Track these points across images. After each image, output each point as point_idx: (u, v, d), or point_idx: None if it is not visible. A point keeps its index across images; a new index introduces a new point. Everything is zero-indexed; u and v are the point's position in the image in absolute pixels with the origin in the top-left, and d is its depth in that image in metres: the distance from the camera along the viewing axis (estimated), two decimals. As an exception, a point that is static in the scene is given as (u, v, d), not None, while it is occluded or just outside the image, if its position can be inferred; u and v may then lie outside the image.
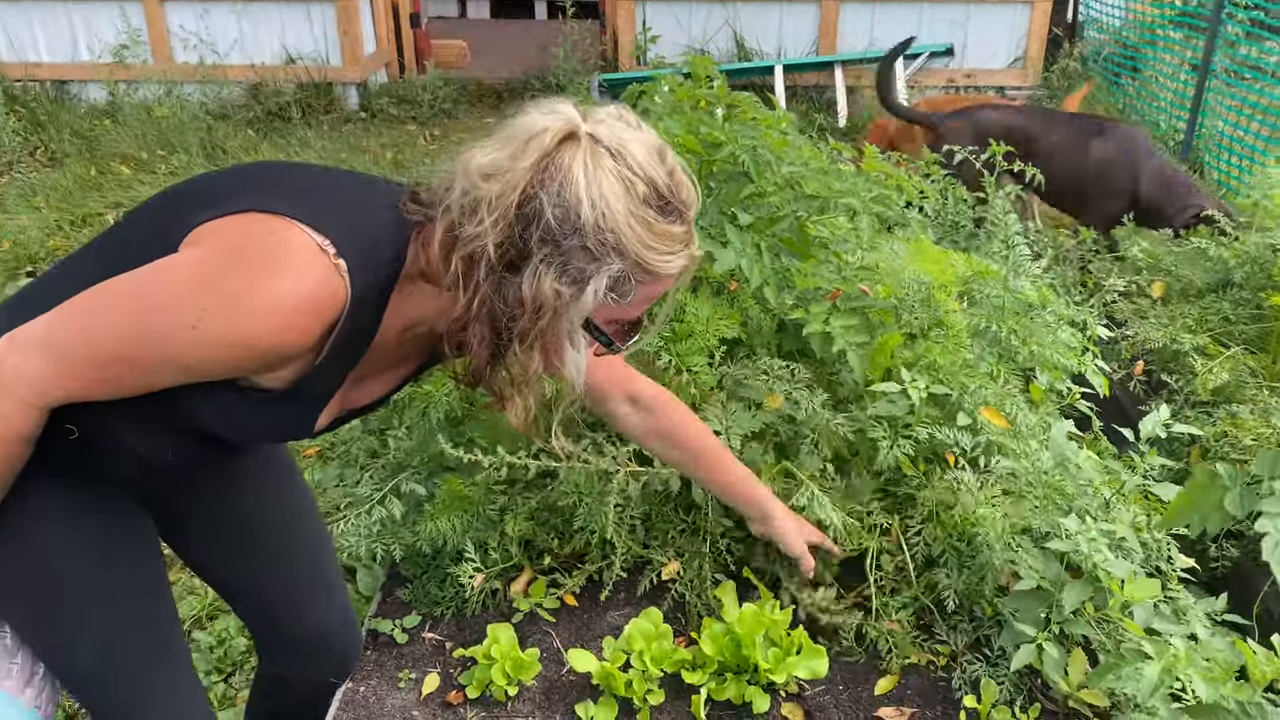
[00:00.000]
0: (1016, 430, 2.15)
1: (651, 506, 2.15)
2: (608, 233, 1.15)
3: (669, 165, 1.22)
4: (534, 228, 1.15)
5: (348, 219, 1.21)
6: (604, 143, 1.17)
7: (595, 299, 1.18)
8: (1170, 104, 6.52)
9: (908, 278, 2.23)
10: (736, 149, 2.27)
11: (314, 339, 1.18)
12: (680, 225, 1.22)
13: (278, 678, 1.91)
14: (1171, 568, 2.09)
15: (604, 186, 1.15)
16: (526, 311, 1.18)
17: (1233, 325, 2.93)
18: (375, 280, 1.21)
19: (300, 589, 1.79)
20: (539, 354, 1.23)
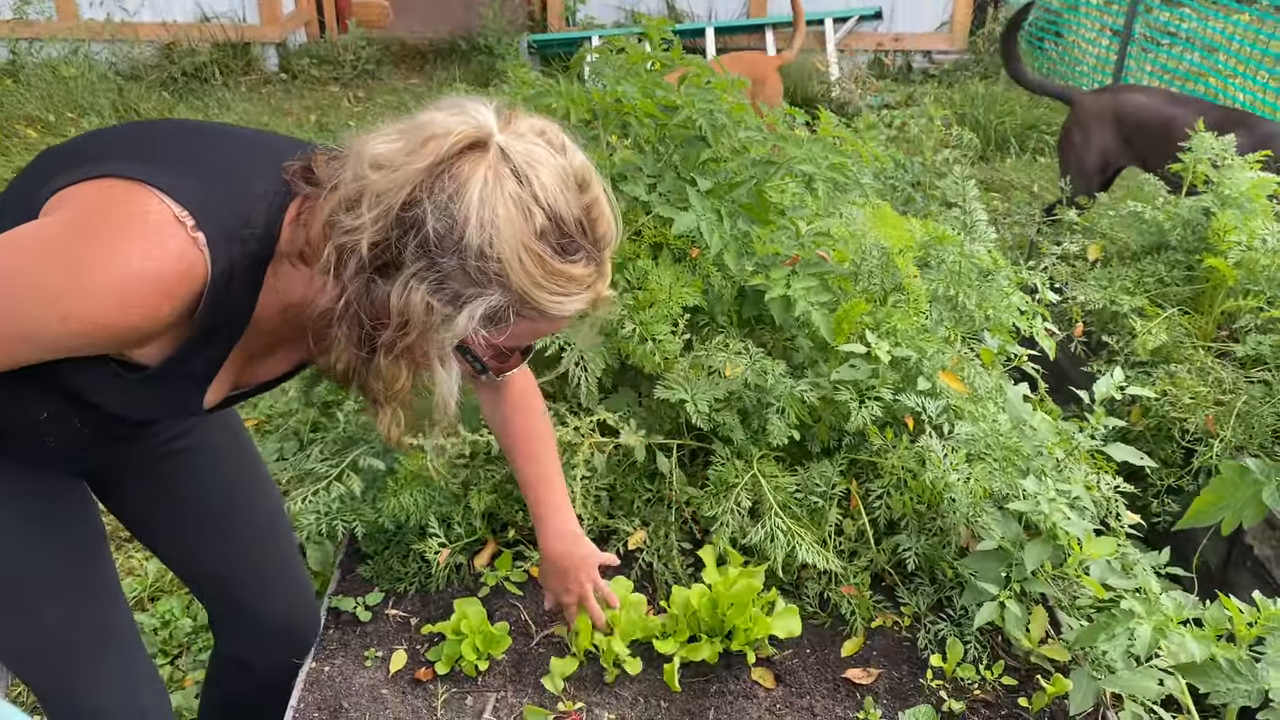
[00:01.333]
0: (974, 394, 2.19)
1: (616, 477, 2.14)
2: (492, 261, 1.05)
3: (589, 198, 1.11)
4: (412, 236, 1.05)
5: (218, 187, 1.12)
6: (512, 160, 1.06)
7: (469, 326, 1.08)
8: (1092, 69, 6.66)
9: (868, 243, 2.24)
10: (694, 113, 2.24)
11: (169, 317, 1.09)
12: (585, 266, 1.11)
13: (237, 660, 1.85)
14: (1120, 524, 2.16)
15: (498, 209, 1.04)
16: (392, 322, 1.08)
17: (1168, 287, 3.01)
18: (242, 256, 1.12)
19: (259, 568, 1.75)
20: (405, 368, 1.14)
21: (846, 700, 1.87)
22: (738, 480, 2.05)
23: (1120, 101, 3.99)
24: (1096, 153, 4.01)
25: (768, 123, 2.46)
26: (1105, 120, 3.97)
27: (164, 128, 1.29)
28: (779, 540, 1.97)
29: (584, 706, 1.83)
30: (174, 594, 2.78)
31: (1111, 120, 3.95)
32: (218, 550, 1.71)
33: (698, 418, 2.02)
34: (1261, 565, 2.30)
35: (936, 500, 2.04)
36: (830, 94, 7.09)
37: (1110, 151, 3.98)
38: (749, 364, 2.08)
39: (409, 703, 1.82)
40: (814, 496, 2.09)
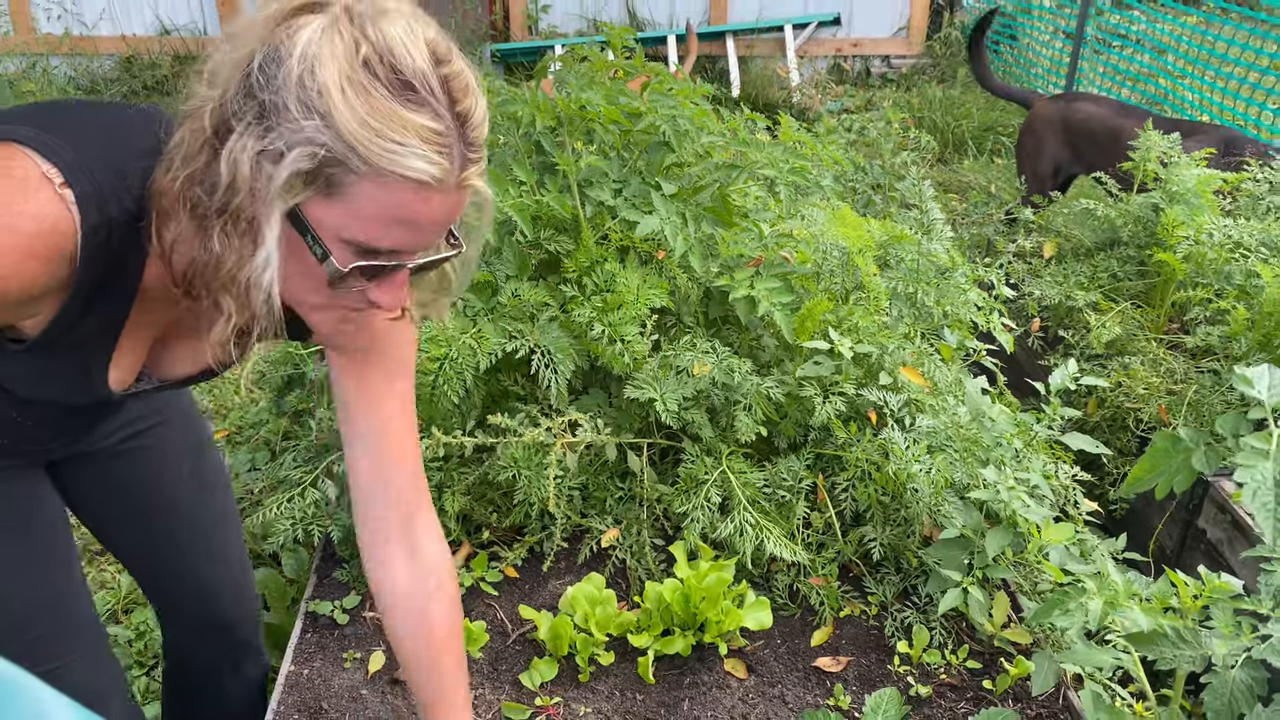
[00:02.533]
0: (935, 387, 2.25)
1: (588, 476, 2.18)
2: (312, 91, 0.95)
3: (446, 70, 1.01)
4: (242, 86, 0.98)
5: (93, 144, 1.07)
6: (353, 12, 0.99)
7: (292, 174, 0.97)
8: (1047, 71, 6.79)
9: (828, 243, 2.29)
10: (657, 119, 2.29)
11: (41, 278, 1.04)
12: (428, 119, 0.98)
13: (174, 654, 1.92)
14: (1078, 511, 2.23)
15: (323, 44, 0.96)
16: (222, 185, 0.99)
17: (1121, 281, 3.10)
18: (120, 213, 1.06)
19: (200, 572, 1.78)
20: (236, 240, 1.02)
21: (817, 688, 1.92)
22: (707, 477, 2.10)
23: (1071, 110, 4.08)
24: (1049, 159, 4.10)
25: (729, 127, 2.52)
26: (1056, 128, 4.07)
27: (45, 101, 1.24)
28: (748, 534, 2.02)
29: (561, 702, 1.86)
30: (148, 606, 2.78)
31: (1061, 128, 4.06)
32: (157, 548, 1.73)
33: (667, 416, 2.06)
34: (1214, 547, 2.38)
35: (900, 491, 2.09)
36: (791, 99, 7.18)
37: (1060, 158, 4.08)
38: (716, 363, 2.13)
39: (388, 702, 1.85)
40: (782, 491, 2.14)
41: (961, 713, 1.87)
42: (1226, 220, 2.91)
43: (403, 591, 1.39)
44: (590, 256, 2.19)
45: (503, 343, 2.06)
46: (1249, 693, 1.06)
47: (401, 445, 1.38)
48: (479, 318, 2.13)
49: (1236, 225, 2.86)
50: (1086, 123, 3.93)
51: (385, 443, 1.36)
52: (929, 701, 1.89)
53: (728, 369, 2.10)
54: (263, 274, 1.02)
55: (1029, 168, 4.19)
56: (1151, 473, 1.27)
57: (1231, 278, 2.80)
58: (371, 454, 1.36)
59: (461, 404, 2.09)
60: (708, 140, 2.40)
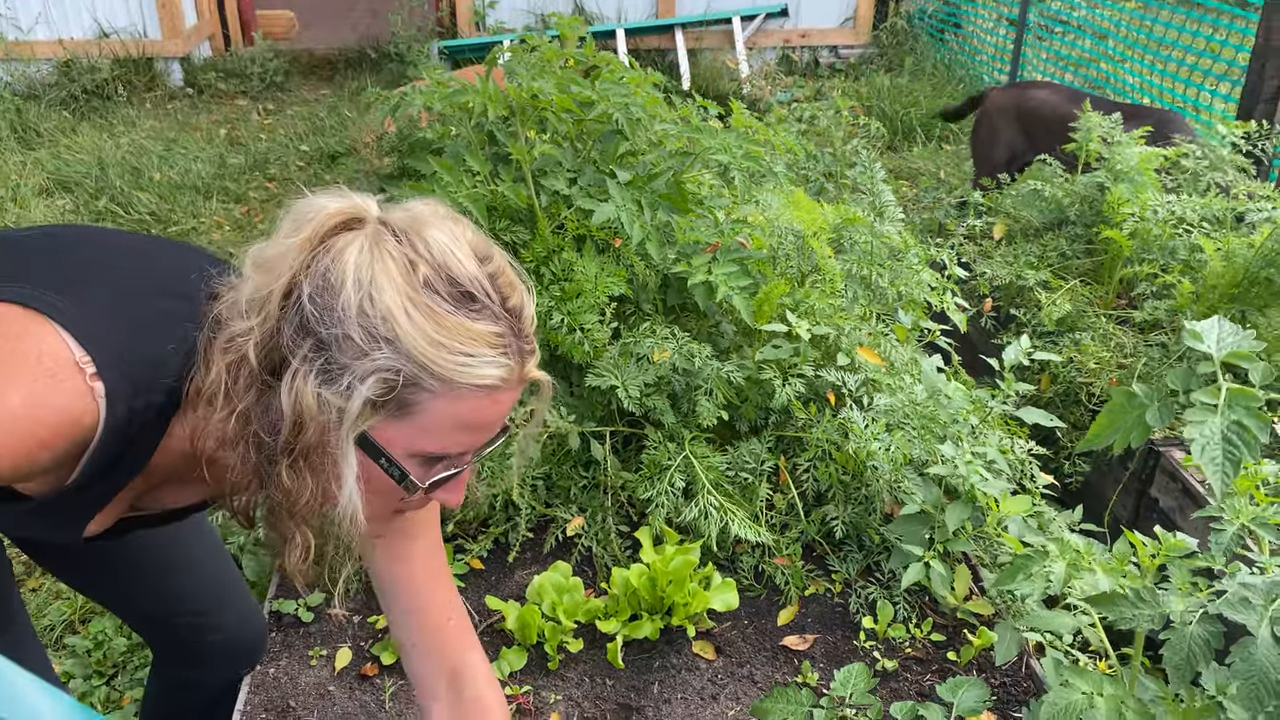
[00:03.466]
0: (891, 367, 2.28)
1: (552, 466, 2.18)
2: (375, 319, 0.92)
3: (491, 268, 0.99)
4: (293, 319, 0.94)
5: (128, 322, 1.02)
6: (393, 225, 0.97)
7: (363, 405, 0.94)
8: (991, 58, 6.89)
9: (783, 227, 2.31)
10: (609, 107, 2.29)
11: (47, 465, 0.99)
12: (491, 324, 0.96)
13: (181, 682, 1.81)
14: (1034, 485, 2.27)
15: (375, 266, 0.93)
16: (286, 424, 0.95)
17: (1069, 260, 3.16)
18: (145, 407, 1.02)
19: (198, 601, 1.67)
20: (310, 477, 0.98)
21: (785, 667, 1.94)
22: (670, 462, 2.10)
23: (1024, 98, 4.14)
24: (1003, 146, 4.16)
25: (682, 115, 2.53)
26: (1010, 116, 4.13)
27: (67, 238, 1.18)
28: (713, 517, 2.03)
29: (531, 690, 1.87)
30: (105, 615, 2.73)
31: (1015, 116, 4.11)
32: (154, 595, 1.63)
33: (629, 403, 2.07)
34: (1166, 514, 2.44)
35: (860, 470, 2.12)
36: (740, 91, 7.21)
37: (1015, 145, 4.14)
38: (676, 349, 2.14)
39: (357, 698, 1.84)
40: (744, 474, 2.15)
41: (928, 685, 1.90)
42: (1170, 196, 2.98)
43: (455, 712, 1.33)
44: (547, 246, 2.18)
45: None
46: (1206, 647, 1.09)
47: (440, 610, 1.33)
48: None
49: (1179, 201, 2.93)
50: (1040, 110, 3.99)
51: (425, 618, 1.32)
52: (895, 675, 1.92)
53: (688, 355, 2.11)
54: (346, 506, 0.99)
55: (983, 157, 4.25)
56: (1108, 429, 1.29)
57: (1176, 253, 2.87)
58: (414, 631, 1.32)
59: (422, 397, 2.08)
60: (661, 128, 2.41)
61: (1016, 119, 4.12)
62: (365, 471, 1.00)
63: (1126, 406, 1.26)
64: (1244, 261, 2.63)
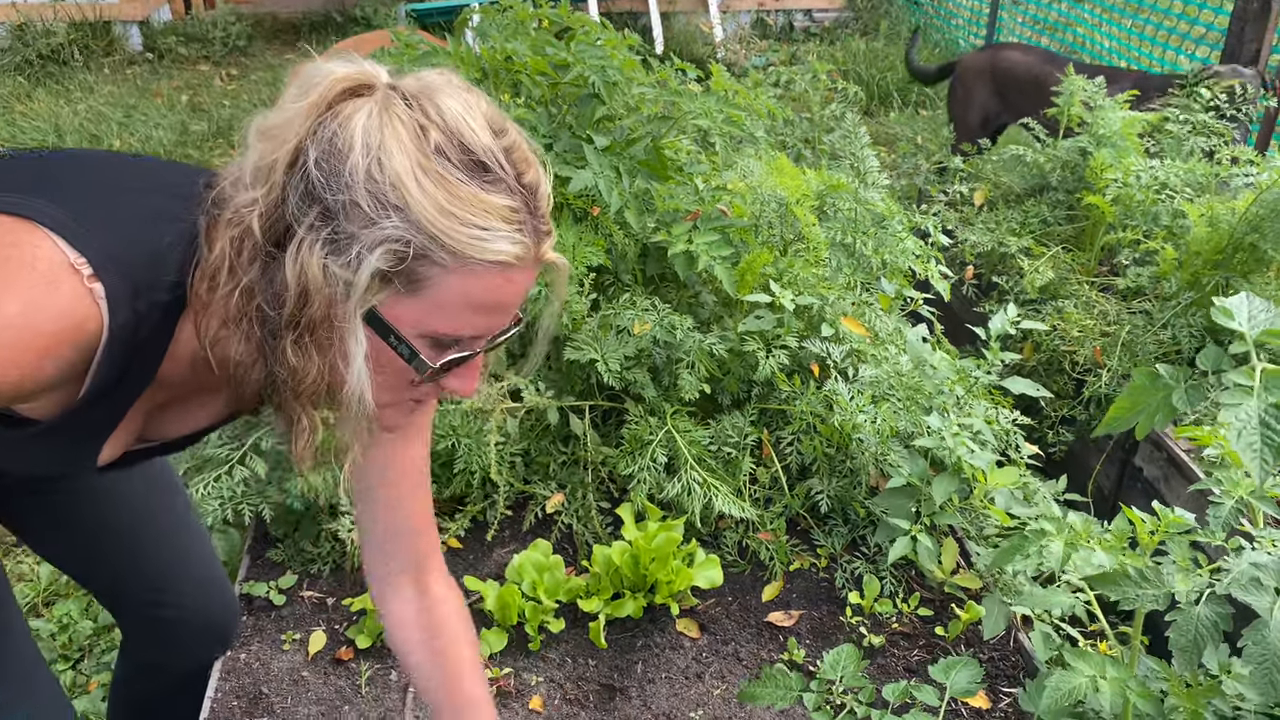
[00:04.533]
0: (876, 337, 2.23)
1: (530, 442, 2.12)
2: (384, 185, 0.89)
3: (506, 141, 0.94)
4: (299, 186, 0.91)
5: (122, 225, 0.98)
6: (403, 90, 0.93)
7: (371, 277, 0.91)
8: (967, 22, 6.82)
9: (765, 194, 2.25)
10: (585, 69, 2.21)
11: (54, 376, 0.95)
12: (506, 198, 0.92)
13: (150, 664, 1.76)
14: (1019, 455, 2.24)
15: (385, 131, 0.89)
16: (290, 296, 0.92)
17: (1051, 226, 3.12)
18: (149, 308, 0.97)
19: (171, 576, 1.63)
20: (315, 354, 0.95)
21: (770, 643, 1.90)
22: (652, 437, 2.05)
23: (997, 59, 4.09)
24: (978, 108, 4.12)
25: (660, 78, 2.45)
26: (984, 77, 4.09)
27: (58, 155, 1.13)
28: (696, 493, 1.99)
29: (512, 672, 1.82)
30: (70, 597, 2.65)
31: (989, 77, 4.07)
32: (126, 565, 1.58)
33: (609, 377, 2.01)
34: (1151, 484, 2.42)
35: (845, 443, 2.08)
36: (715, 55, 7.11)
37: (989, 107, 4.09)
38: (657, 321, 2.08)
39: (332, 683, 1.78)
40: (727, 448, 2.10)
41: (915, 660, 1.87)
42: (1153, 161, 2.94)
43: (409, 619, 1.33)
44: (522, 215, 2.11)
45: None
46: (1214, 629, 1.06)
47: (420, 516, 1.32)
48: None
49: (1162, 166, 2.89)
50: (1013, 71, 3.95)
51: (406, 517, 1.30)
52: (882, 651, 1.89)
53: (669, 327, 2.05)
54: (354, 385, 0.95)
55: (959, 120, 4.21)
56: (1131, 410, 1.23)
57: (1159, 218, 2.83)
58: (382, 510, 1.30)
59: (394, 372, 2.01)
60: (638, 92, 2.33)
61: (991, 80, 4.07)
62: (374, 351, 0.96)
63: (1150, 387, 1.20)
64: (1228, 227, 2.60)
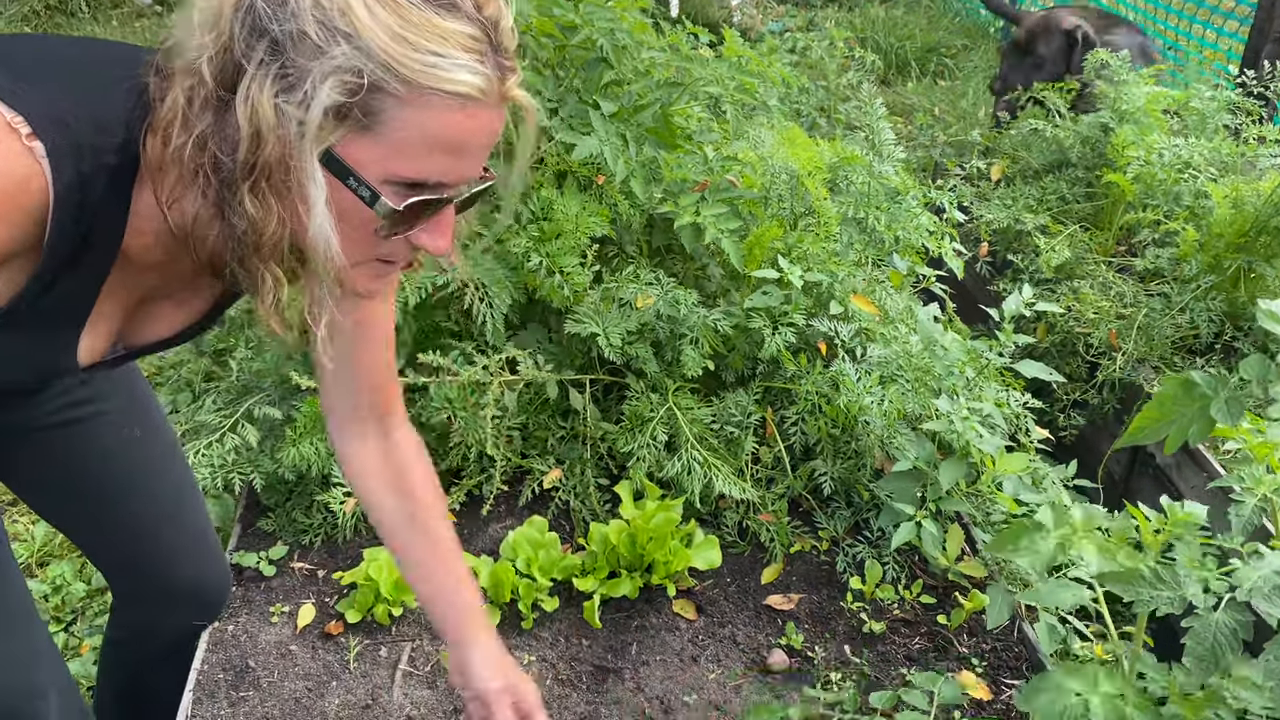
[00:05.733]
0: (886, 316, 2.17)
1: (528, 415, 2.07)
2: (334, 11, 0.85)
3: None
4: (245, 21, 0.87)
5: (65, 89, 0.95)
6: None
7: (324, 114, 0.87)
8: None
9: (776, 166, 2.18)
10: (594, 33, 2.14)
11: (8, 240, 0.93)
12: (463, 24, 0.89)
13: (139, 627, 1.73)
14: (1029, 439, 2.19)
15: None
16: (244, 140, 0.89)
17: (1069, 204, 3.04)
18: (96, 169, 0.94)
19: (165, 539, 1.60)
20: (274, 204, 0.92)
21: (768, 627, 1.87)
22: (653, 414, 2.01)
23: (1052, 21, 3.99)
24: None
25: (671, 42, 2.38)
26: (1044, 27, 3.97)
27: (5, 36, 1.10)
28: (696, 472, 1.94)
29: (504, 650, 1.78)
30: (64, 558, 2.63)
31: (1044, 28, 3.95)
32: (120, 522, 1.55)
33: (610, 351, 1.96)
34: (1163, 472, 2.37)
35: (851, 424, 2.03)
36: (730, 19, 6.99)
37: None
38: (661, 294, 2.02)
39: (320, 658, 1.75)
40: (730, 426, 2.06)
41: (916, 648, 1.83)
42: (1177, 140, 2.85)
43: (375, 465, 1.33)
44: (524, 182, 2.05)
45: (432, 276, 1.93)
46: (1233, 637, 1.01)
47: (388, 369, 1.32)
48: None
49: (1186, 145, 2.81)
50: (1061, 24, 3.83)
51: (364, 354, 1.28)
52: (882, 638, 1.85)
53: (673, 301, 2.00)
54: (318, 234, 0.91)
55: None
56: (1160, 421, 1.15)
57: (1181, 198, 2.76)
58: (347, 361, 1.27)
59: (391, 341, 1.96)
60: (648, 56, 2.26)
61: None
62: (336, 198, 0.92)
63: (1183, 397, 1.12)
64: (1252, 209, 2.52)
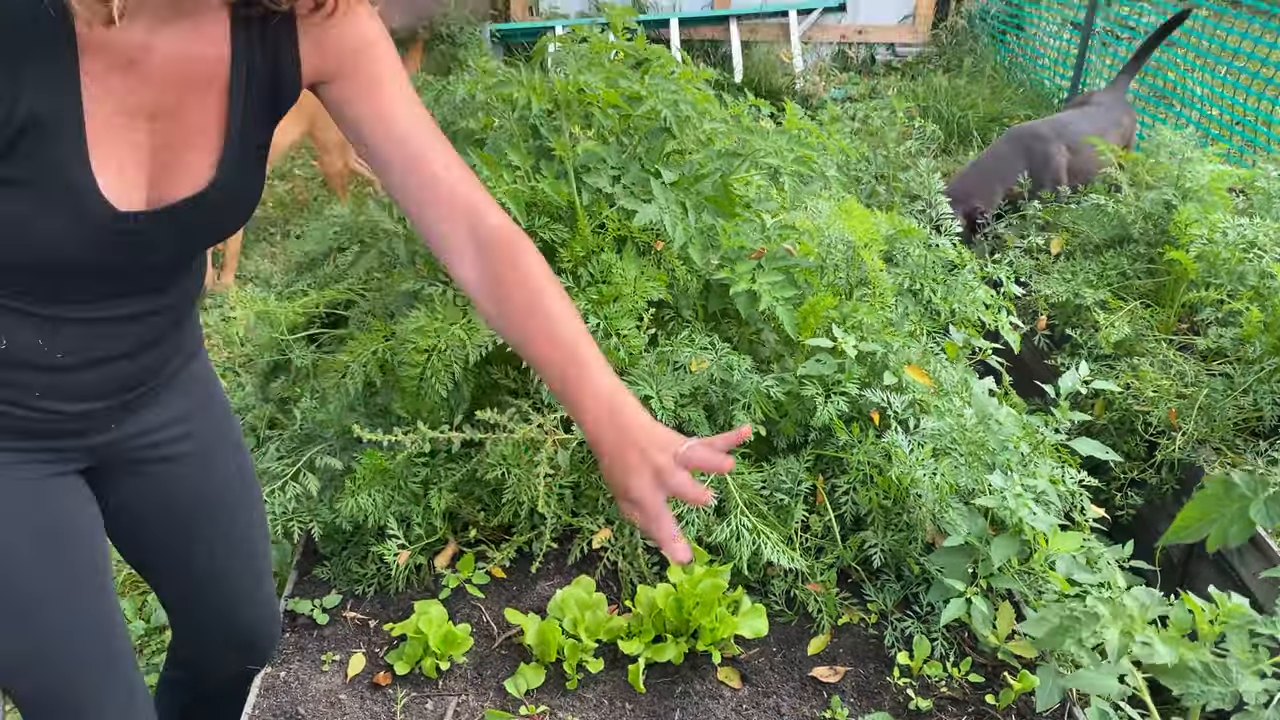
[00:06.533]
0: (940, 388, 2.17)
1: (580, 474, 2.10)
2: None
3: None
4: None
5: None
6: None
7: None
8: (1054, 62, 6.69)
9: (833, 236, 2.21)
10: (658, 103, 2.20)
11: None
12: None
13: (195, 666, 1.78)
14: (1084, 518, 2.16)
15: None
16: None
17: (1130, 280, 3.02)
18: None
19: (235, 580, 1.64)
20: None
21: (813, 699, 1.85)
22: (703, 478, 2.02)
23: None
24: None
25: (733, 113, 2.43)
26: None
27: None
28: (744, 539, 1.95)
29: (547, 710, 1.79)
30: (126, 595, 2.70)
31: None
32: (195, 562, 1.59)
33: (662, 414, 1.98)
34: (1222, 556, 2.31)
35: (903, 496, 2.02)
36: (794, 86, 7.08)
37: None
38: (715, 359, 2.05)
39: (368, 708, 1.78)
40: (780, 493, 2.06)
41: (963, 728, 1.80)
42: (1241, 219, 2.83)
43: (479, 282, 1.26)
44: (587, 246, 2.10)
45: (494, 334, 1.98)
46: (1285, 735, 0.99)
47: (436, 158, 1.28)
48: (470, 308, 2.05)
49: (1251, 224, 2.78)
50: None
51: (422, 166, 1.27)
52: (929, 715, 1.83)
53: (726, 366, 2.02)
54: None
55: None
56: (1201, 520, 1.16)
57: (1245, 278, 2.72)
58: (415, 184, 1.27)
59: (450, 397, 2.01)
60: (710, 127, 2.31)
61: None
62: None
63: (1224, 497, 1.13)
64: (1319, 292, 2.49)
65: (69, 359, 1.25)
